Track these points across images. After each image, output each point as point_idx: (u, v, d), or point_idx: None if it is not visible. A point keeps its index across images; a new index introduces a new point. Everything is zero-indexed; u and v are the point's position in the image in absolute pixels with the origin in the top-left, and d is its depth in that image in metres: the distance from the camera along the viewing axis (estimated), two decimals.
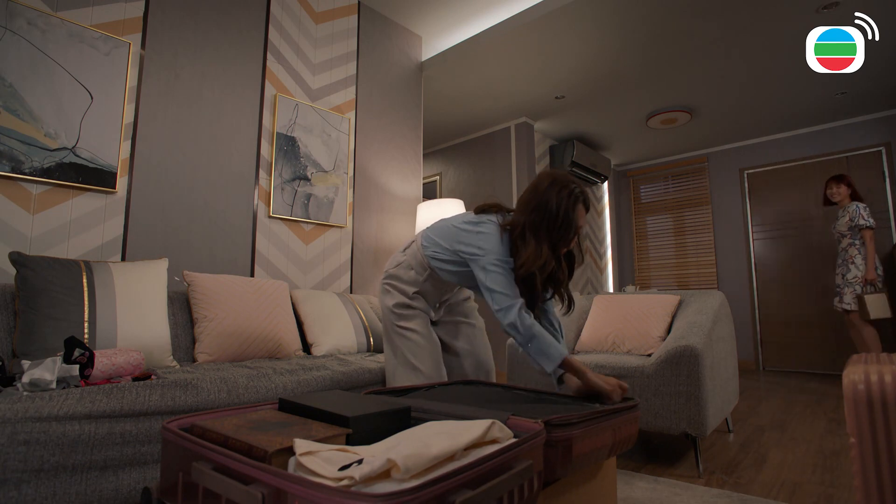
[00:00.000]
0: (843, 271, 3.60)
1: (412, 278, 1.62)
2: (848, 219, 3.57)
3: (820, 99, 4.19)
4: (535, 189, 1.43)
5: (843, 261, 3.63)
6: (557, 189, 1.40)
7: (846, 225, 3.59)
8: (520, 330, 1.34)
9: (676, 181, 5.70)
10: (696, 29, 3.14)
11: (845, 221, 3.59)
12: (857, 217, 3.53)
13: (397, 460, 0.63)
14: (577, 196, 1.41)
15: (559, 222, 1.39)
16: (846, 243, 3.62)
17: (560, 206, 1.38)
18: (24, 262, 1.52)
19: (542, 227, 1.39)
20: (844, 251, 3.63)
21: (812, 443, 2.20)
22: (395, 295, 1.63)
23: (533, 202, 1.41)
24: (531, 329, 1.34)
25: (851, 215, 3.56)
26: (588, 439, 0.97)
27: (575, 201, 1.40)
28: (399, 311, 1.61)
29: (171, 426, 0.86)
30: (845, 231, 3.62)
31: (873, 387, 0.73)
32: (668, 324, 2.28)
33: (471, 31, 3.42)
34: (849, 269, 3.55)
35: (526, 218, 1.41)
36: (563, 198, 1.39)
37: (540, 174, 1.48)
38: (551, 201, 1.39)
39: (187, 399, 1.29)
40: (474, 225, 1.49)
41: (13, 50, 1.80)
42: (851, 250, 3.57)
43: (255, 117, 2.54)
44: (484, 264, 1.42)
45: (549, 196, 1.40)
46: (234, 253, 2.40)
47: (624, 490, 1.62)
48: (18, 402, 1.07)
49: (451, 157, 5.11)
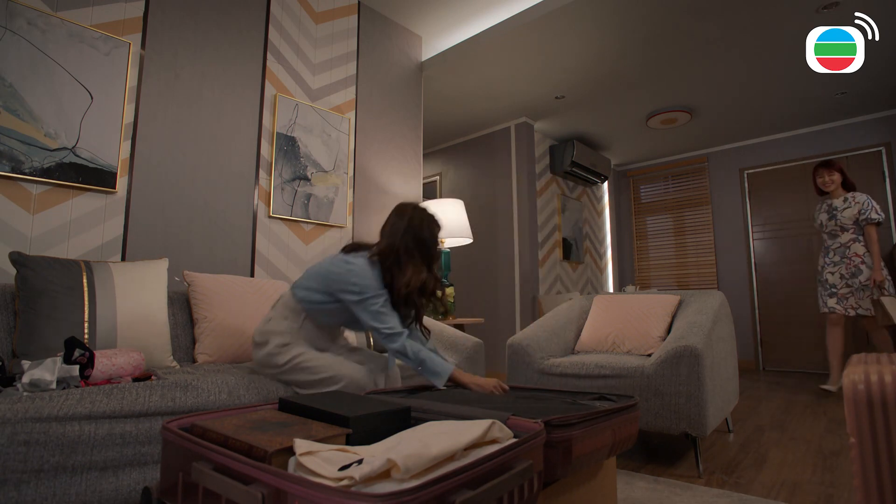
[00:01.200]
0: (846, 271, 3.18)
1: (287, 327, 1.57)
2: (857, 211, 3.12)
3: (820, 99, 4.19)
4: (401, 216, 1.60)
5: (843, 258, 3.20)
6: (421, 215, 1.60)
7: (852, 218, 3.14)
8: (409, 356, 1.49)
9: (676, 181, 5.70)
10: (696, 29, 3.14)
11: (852, 214, 3.15)
12: (868, 210, 3.09)
13: (397, 460, 0.63)
14: (436, 220, 1.63)
15: (431, 243, 1.59)
16: (847, 238, 3.18)
17: (428, 229, 1.59)
18: (24, 262, 1.52)
19: (416, 250, 1.56)
20: (845, 247, 3.20)
21: (812, 443, 2.20)
22: (270, 342, 1.55)
23: (402, 228, 1.57)
24: (419, 354, 1.49)
25: (862, 207, 3.11)
26: (588, 439, 0.97)
27: (437, 225, 1.62)
28: (277, 349, 1.54)
29: (171, 426, 0.87)
30: (849, 224, 3.17)
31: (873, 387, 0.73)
32: (668, 324, 2.28)
33: (471, 31, 3.42)
34: (860, 269, 3.12)
35: (399, 243, 1.56)
36: (429, 222, 1.60)
37: (399, 205, 1.65)
38: (422, 226, 1.58)
39: (187, 400, 1.29)
40: (345, 263, 1.55)
41: (13, 50, 1.80)
42: (856, 247, 3.15)
43: (255, 117, 2.54)
44: (364, 304, 1.51)
45: (416, 222, 1.58)
46: (234, 253, 2.40)
47: (624, 490, 1.62)
48: (18, 402, 1.07)
49: (451, 157, 5.11)
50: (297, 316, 1.59)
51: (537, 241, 4.61)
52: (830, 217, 3.27)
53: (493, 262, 4.55)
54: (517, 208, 4.44)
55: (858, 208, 3.13)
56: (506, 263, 4.46)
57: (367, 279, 1.51)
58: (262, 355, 1.55)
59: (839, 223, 3.21)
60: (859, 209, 3.13)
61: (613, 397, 1.28)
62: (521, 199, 4.44)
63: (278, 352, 1.53)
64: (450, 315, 3.10)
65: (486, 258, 4.60)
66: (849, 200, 3.19)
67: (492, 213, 4.62)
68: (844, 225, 3.18)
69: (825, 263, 3.31)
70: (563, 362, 2.13)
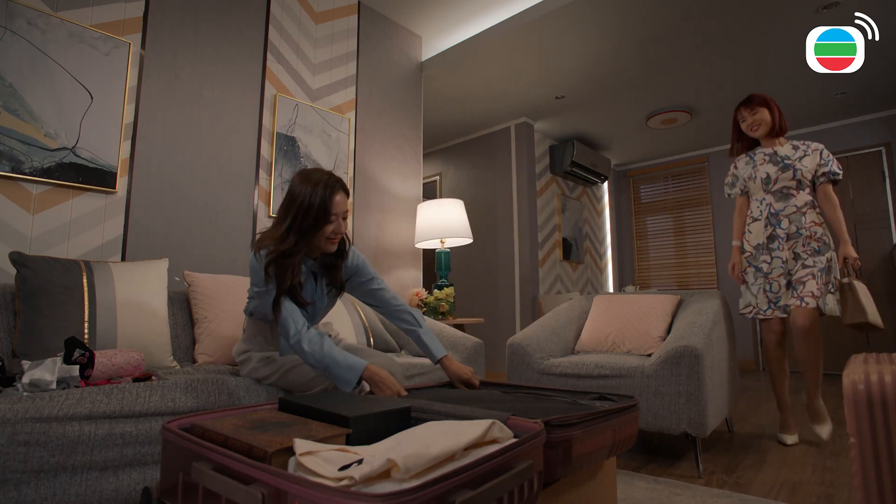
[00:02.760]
0: (804, 250, 2.16)
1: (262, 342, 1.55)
2: (818, 163, 2.19)
3: (820, 99, 4.19)
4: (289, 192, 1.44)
5: (800, 230, 2.17)
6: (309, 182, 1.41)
7: (812, 170, 2.19)
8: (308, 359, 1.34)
9: (676, 181, 5.70)
10: (696, 29, 3.14)
11: (812, 166, 2.18)
12: (830, 161, 2.19)
13: (397, 460, 0.63)
14: (330, 184, 1.42)
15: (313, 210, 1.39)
16: (804, 201, 2.18)
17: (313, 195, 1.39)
18: (24, 262, 1.52)
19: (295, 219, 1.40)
20: (801, 214, 2.18)
21: (812, 443, 2.20)
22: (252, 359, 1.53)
23: (287, 199, 1.44)
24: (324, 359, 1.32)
25: (824, 159, 2.19)
26: (588, 439, 0.97)
27: (330, 190, 1.41)
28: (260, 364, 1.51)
29: (171, 426, 0.87)
30: (808, 180, 2.19)
31: (873, 387, 0.73)
32: (668, 324, 2.28)
33: (471, 31, 3.42)
34: (816, 246, 2.13)
35: (281, 216, 1.44)
36: (316, 188, 1.40)
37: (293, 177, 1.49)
38: (305, 193, 1.40)
39: (187, 400, 1.29)
40: (250, 267, 1.44)
41: (13, 50, 1.80)
42: (812, 215, 2.17)
43: (255, 117, 2.54)
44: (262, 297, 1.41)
45: (302, 190, 1.41)
46: (234, 253, 2.40)
47: (624, 490, 1.62)
48: (18, 402, 1.07)
49: (451, 157, 5.11)
50: (263, 329, 1.56)
51: (537, 241, 4.61)
52: (783, 168, 2.22)
53: (493, 262, 4.55)
54: (517, 208, 4.44)
55: (820, 159, 2.20)
56: (506, 263, 4.46)
57: (257, 271, 1.41)
58: (248, 370, 1.53)
59: (798, 177, 2.19)
60: (820, 161, 2.20)
61: (613, 397, 1.27)
62: (521, 199, 4.44)
63: (261, 365, 1.51)
64: (449, 315, 3.10)
65: (486, 258, 4.60)
66: (801, 148, 2.25)
67: (492, 213, 4.62)
68: (803, 180, 2.19)
69: (771, 238, 2.23)
70: (562, 362, 2.13)
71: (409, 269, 3.30)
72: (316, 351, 1.32)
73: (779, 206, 2.23)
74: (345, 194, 1.46)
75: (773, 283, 2.22)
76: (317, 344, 1.33)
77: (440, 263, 3.29)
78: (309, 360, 1.34)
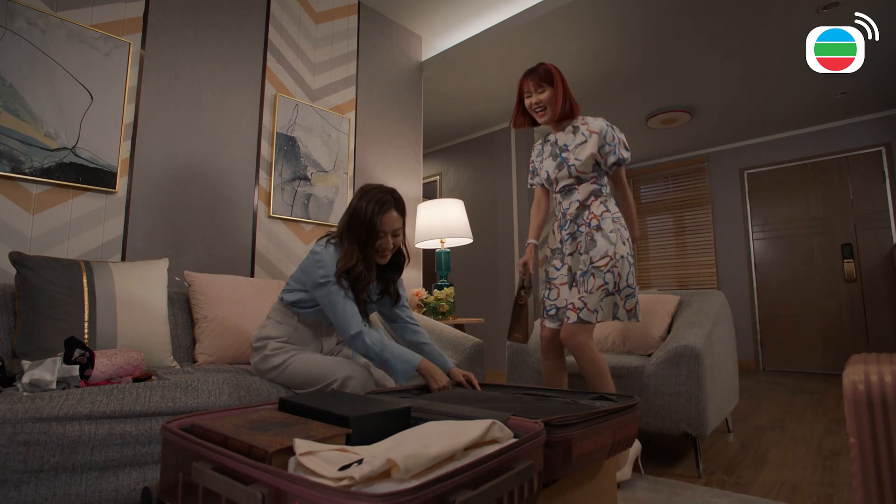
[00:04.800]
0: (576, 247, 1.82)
1: (282, 331, 1.59)
2: (597, 145, 1.79)
3: (820, 99, 4.19)
4: (357, 194, 1.56)
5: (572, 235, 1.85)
6: (365, 189, 1.54)
7: (592, 159, 1.79)
8: (371, 356, 1.45)
9: (676, 181, 5.70)
10: (696, 29, 3.14)
11: (589, 156, 1.78)
12: (617, 145, 1.81)
13: (397, 460, 0.63)
14: (380, 195, 1.52)
15: (362, 220, 1.50)
16: (586, 193, 1.82)
17: (365, 202, 1.51)
18: (24, 262, 1.52)
19: (351, 229, 1.51)
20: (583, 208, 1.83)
21: (812, 443, 2.20)
22: (267, 346, 1.56)
23: (350, 207, 1.55)
24: (382, 353, 1.44)
25: (607, 140, 1.79)
26: (588, 439, 0.97)
27: (378, 200, 1.51)
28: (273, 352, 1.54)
29: (171, 426, 0.86)
30: (588, 172, 1.81)
31: (873, 387, 0.73)
32: (668, 324, 2.28)
33: (471, 31, 3.42)
34: (593, 241, 1.75)
35: (342, 223, 1.55)
36: (369, 196, 1.51)
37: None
38: (360, 201, 1.52)
39: (187, 400, 1.29)
40: (312, 254, 1.53)
41: (13, 50, 1.80)
42: (596, 205, 1.81)
43: (255, 117, 2.54)
44: (320, 293, 1.49)
45: (357, 197, 1.54)
46: (234, 253, 2.40)
47: (624, 490, 1.62)
48: (18, 402, 1.07)
49: (451, 157, 5.11)
50: (290, 319, 1.60)
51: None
52: (559, 164, 1.88)
53: (493, 262, 4.55)
54: (517, 208, 4.44)
55: (599, 141, 1.80)
56: (506, 263, 4.46)
57: (328, 265, 1.49)
58: (258, 359, 1.56)
59: (573, 173, 1.83)
60: (600, 142, 1.80)
61: (613, 397, 1.27)
62: (521, 199, 4.44)
63: (273, 354, 1.54)
64: (450, 315, 3.10)
65: (486, 258, 4.60)
66: (580, 131, 1.85)
67: (492, 213, 4.62)
68: (582, 174, 1.82)
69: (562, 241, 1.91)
70: None
71: (410, 269, 3.31)
72: (376, 344, 1.44)
73: (565, 203, 1.89)
74: (397, 213, 1.54)
75: (552, 291, 1.91)
76: (377, 341, 1.45)
77: (440, 263, 3.29)
78: (368, 354, 1.45)
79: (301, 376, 1.50)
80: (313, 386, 1.49)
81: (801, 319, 4.74)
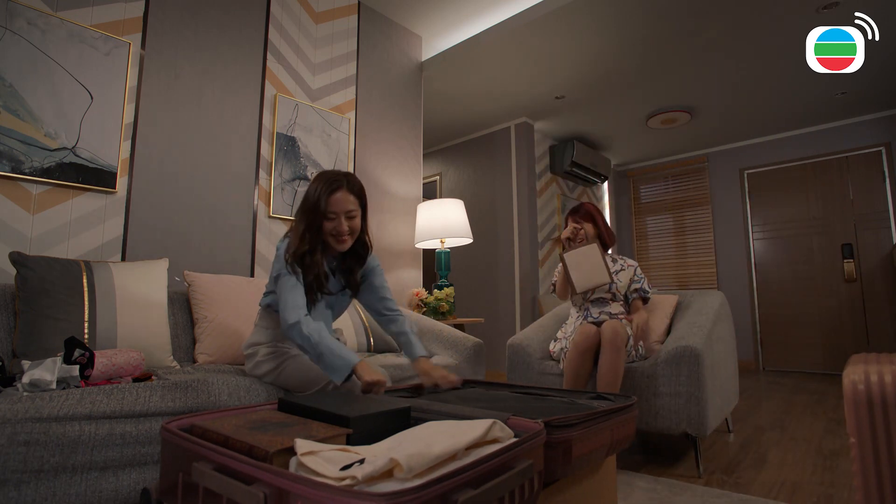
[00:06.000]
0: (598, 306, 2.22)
1: (270, 335, 1.56)
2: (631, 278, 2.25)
3: (820, 99, 4.19)
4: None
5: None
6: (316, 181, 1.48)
7: (625, 287, 2.24)
8: (304, 346, 1.36)
9: (676, 181, 5.70)
10: (696, 29, 3.14)
11: (626, 281, 2.24)
12: (642, 280, 2.24)
13: (400, 460, 0.63)
14: (327, 175, 1.47)
15: (310, 199, 1.45)
16: (617, 309, 2.20)
17: (314, 183, 1.47)
18: (24, 262, 1.52)
19: (301, 211, 1.47)
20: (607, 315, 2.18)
21: (812, 443, 2.20)
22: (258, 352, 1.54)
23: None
24: (318, 346, 1.33)
25: (638, 276, 2.25)
26: (587, 439, 0.97)
27: (325, 179, 1.46)
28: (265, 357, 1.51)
29: (170, 426, 0.86)
30: (620, 294, 2.23)
31: (873, 387, 0.73)
32: (667, 324, 2.28)
33: (471, 31, 3.42)
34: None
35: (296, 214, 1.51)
36: (318, 176, 1.48)
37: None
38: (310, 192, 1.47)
39: (187, 400, 1.28)
40: (276, 250, 1.50)
41: (13, 50, 1.80)
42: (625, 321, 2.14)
43: (255, 117, 2.54)
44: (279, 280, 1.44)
45: (309, 188, 1.49)
46: (234, 253, 2.40)
47: (624, 490, 1.62)
48: (18, 402, 1.07)
49: (451, 157, 5.11)
50: (274, 323, 1.57)
51: (537, 241, 4.61)
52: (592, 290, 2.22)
53: (493, 262, 4.55)
54: (517, 208, 4.44)
55: (631, 274, 2.26)
56: (506, 263, 4.46)
57: (283, 258, 1.45)
58: (251, 366, 1.55)
59: (613, 290, 2.22)
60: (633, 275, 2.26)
61: (611, 397, 1.28)
62: (521, 199, 4.44)
63: (265, 360, 1.52)
64: (450, 315, 3.10)
65: (486, 258, 4.60)
66: (618, 262, 2.31)
67: (492, 213, 4.62)
68: (618, 294, 2.23)
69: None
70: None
71: (409, 269, 3.30)
72: (313, 335, 1.33)
73: (595, 311, 2.22)
74: (348, 192, 1.47)
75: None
76: (315, 331, 1.35)
77: (440, 263, 3.29)
78: (304, 345, 1.35)
79: (295, 380, 1.48)
80: (309, 387, 1.49)
81: (801, 319, 4.74)
